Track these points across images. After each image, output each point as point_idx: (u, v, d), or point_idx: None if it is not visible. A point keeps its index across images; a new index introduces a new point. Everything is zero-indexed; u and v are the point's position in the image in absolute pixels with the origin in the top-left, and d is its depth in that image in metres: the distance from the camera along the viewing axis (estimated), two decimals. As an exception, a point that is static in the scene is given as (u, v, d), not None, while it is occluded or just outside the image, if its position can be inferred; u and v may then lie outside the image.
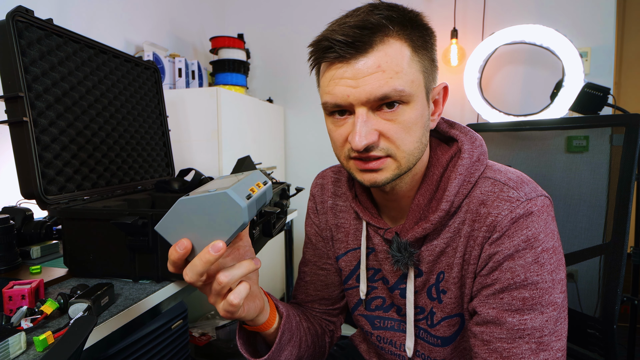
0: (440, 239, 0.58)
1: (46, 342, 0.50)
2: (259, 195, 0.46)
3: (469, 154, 0.57)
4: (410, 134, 0.52)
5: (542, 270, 0.50)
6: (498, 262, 0.52)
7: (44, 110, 0.80)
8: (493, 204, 0.53)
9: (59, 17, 1.39)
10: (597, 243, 0.98)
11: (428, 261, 0.60)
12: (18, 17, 0.76)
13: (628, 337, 1.64)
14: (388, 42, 0.49)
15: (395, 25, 0.50)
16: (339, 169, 0.77)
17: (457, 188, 0.56)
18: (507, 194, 0.53)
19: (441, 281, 0.59)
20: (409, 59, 0.51)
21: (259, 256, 0.97)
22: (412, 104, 0.51)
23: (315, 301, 0.77)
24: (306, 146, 2.53)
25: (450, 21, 2.20)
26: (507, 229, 0.52)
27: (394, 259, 0.60)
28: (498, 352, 0.51)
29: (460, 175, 0.56)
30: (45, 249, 0.88)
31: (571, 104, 1.60)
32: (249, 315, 0.51)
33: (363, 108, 0.51)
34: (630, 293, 1.67)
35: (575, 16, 2.03)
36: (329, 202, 0.75)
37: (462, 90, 2.11)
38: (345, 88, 0.50)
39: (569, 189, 1.00)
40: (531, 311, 0.50)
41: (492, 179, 0.56)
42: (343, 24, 0.50)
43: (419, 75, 0.52)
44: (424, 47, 0.53)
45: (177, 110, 1.69)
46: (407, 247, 0.58)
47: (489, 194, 0.54)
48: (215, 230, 0.43)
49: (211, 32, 2.43)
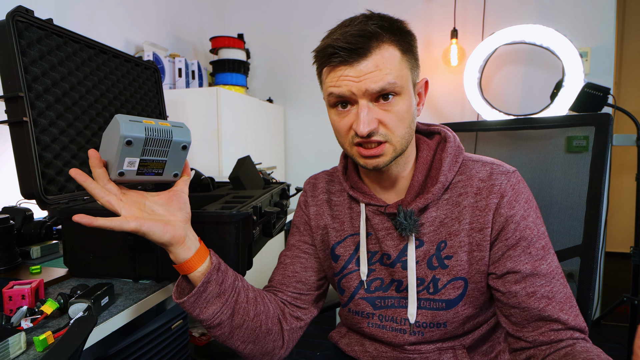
0: (439, 211, 0.68)
1: (46, 342, 0.50)
2: (151, 126, 0.57)
3: (453, 140, 0.71)
4: (403, 121, 0.63)
5: (540, 222, 0.66)
6: (516, 223, 0.64)
7: (44, 110, 0.80)
8: (492, 177, 0.67)
9: (59, 17, 1.39)
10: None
11: (429, 231, 0.68)
12: (18, 17, 0.76)
13: (628, 337, 1.65)
14: (383, 47, 0.60)
15: (387, 32, 0.60)
16: (331, 172, 0.83)
17: (449, 165, 0.68)
18: (499, 169, 0.67)
19: (443, 249, 0.68)
20: (399, 60, 0.61)
21: (259, 256, 0.97)
22: (403, 95, 0.62)
23: (290, 284, 0.76)
24: (306, 146, 2.53)
25: (450, 21, 2.20)
26: (511, 194, 0.65)
27: (401, 227, 0.67)
28: (545, 297, 0.62)
29: (450, 155, 0.69)
30: (45, 249, 0.88)
31: (571, 104, 1.61)
32: (150, 233, 0.57)
33: (364, 100, 0.60)
34: (630, 293, 1.68)
35: (575, 16, 2.03)
36: (322, 197, 0.80)
37: (462, 90, 2.11)
38: (349, 82, 0.60)
39: (570, 189, 1.00)
40: (548, 254, 0.64)
41: (479, 161, 0.70)
42: (344, 32, 0.59)
43: (407, 72, 0.63)
44: (409, 50, 0.63)
45: (177, 110, 1.69)
46: (412, 215, 0.67)
47: (484, 171, 0.68)
48: (110, 146, 0.56)
49: (211, 32, 2.43)
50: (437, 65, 2.26)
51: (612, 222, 3.33)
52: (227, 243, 0.70)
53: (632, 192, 1.73)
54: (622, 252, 3.25)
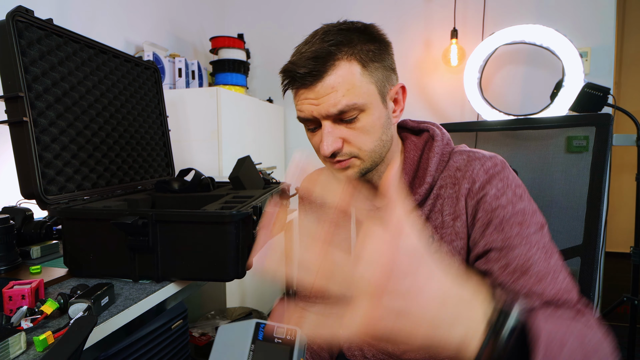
0: (424, 208, 0.68)
1: (46, 342, 0.50)
2: None
3: (441, 137, 0.70)
4: (370, 135, 0.62)
5: (522, 200, 0.62)
6: (488, 204, 0.62)
7: (44, 110, 0.80)
8: (467, 165, 0.65)
9: (59, 17, 1.39)
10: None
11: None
12: (18, 17, 0.76)
13: (628, 337, 1.65)
14: (340, 64, 0.59)
15: (344, 47, 0.59)
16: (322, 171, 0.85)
17: (436, 165, 0.67)
18: (475, 156, 0.66)
19: (432, 244, 0.66)
20: (360, 75, 0.60)
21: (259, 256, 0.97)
22: (367, 110, 0.61)
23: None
24: (306, 146, 2.52)
25: (450, 21, 2.20)
26: (484, 178, 0.63)
27: None
28: (517, 270, 0.58)
29: (437, 155, 0.68)
30: (45, 249, 0.88)
31: (571, 104, 1.60)
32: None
33: (327, 121, 0.61)
34: (630, 293, 1.67)
35: (575, 16, 2.03)
36: (318, 202, 0.82)
37: (462, 90, 2.11)
38: (309, 106, 0.61)
39: (570, 189, 1.00)
40: (526, 229, 0.59)
41: (459, 152, 0.69)
42: (301, 55, 0.60)
43: (370, 86, 0.61)
44: (374, 59, 0.61)
45: (177, 110, 1.68)
46: None
47: (460, 161, 0.67)
48: None
49: (211, 32, 2.43)
50: (437, 65, 2.26)
51: (612, 222, 3.33)
52: (227, 243, 0.70)
53: (632, 192, 1.73)
54: (622, 252, 3.26)
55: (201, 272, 0.72)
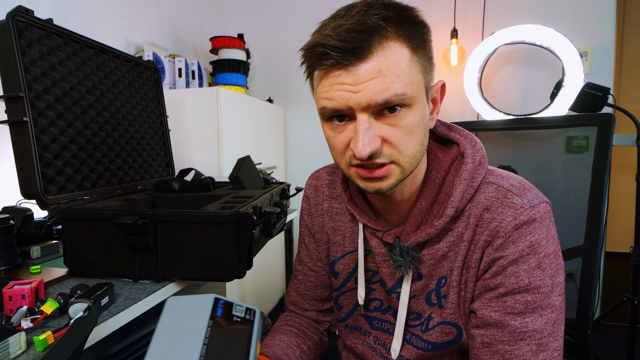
0: (442, 243, 0.57)
1: (46, 342, 0.50)
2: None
3: (472, 158, 0.57)
4: (413, 137, 0.51)
5: (544, 275, 0.51)
6: (502, 267, 0.52)
7: (44, 110, 0.80)
8: (497, 209, 0.53)
9: (59, 17, 1.39)
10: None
11: (429, 265, 0.59)
12: (18, 17, 0.76)
13: (628, 337, 1.65)
14: (387, 44, 0.47)
15: (393, 25, 0.47)
16: (333, 170, 0.76)
17: (461, 193, 0.55)
18: (511, 201, 0.53)
19: (443, 286, 0.58)
20: (409, 61, 0.48)
21: (259, 256, 0.97)
22: (414, 106, 0.50)
23: (305, 301, 0.79)
24: (306, 146, 2.53)
25: (450, 21, 2.20)
26: (510, 235, 0.52)
27: (397, 264, 0.59)
28: (500, 354, 0.52)
29: (464, 181, 0.55)
30: (45, 249, 0.88)
31: (571, 104, 1.60)
32: None
33: (364, 114, 0.48)
34: (630, 293, 1.67)
35: (575, 16, 2.03)
36: (324, 205, 0.74)
37: (462, 90, 2.11)
38: (344, 93, 0.48)
39: (570, 189, 1.00)
40: (532, 314, 0.51)
41: (495, 184, 0.56)
42: (338, 26, 0.47)
43: (419, 76, 0.50)
44: (422, 46, 0.51)
45: (177, 110, 1.68)
46: (409, 252, 0.58)
47: (493, 199, 0.54)
48: None
49: (211, 32, 2.43)
50: (437, 65, 2.26)
51: (612, 222, 3.33)
52: (227, 243, 0.70)
53: (632, 192, 1.73)
54: (622, 252, 3.26)
55: (201, 272, 0.72)
